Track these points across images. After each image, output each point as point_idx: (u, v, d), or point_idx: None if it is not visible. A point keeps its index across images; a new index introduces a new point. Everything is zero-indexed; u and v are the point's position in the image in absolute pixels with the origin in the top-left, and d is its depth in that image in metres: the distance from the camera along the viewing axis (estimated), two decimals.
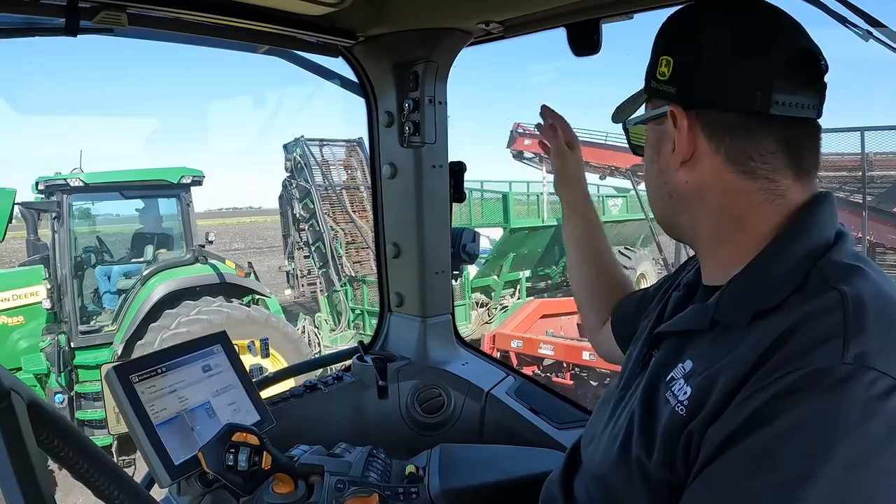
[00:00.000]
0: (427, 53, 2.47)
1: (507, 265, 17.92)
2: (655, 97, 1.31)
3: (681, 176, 1.27)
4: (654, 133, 1.33)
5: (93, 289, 11.21)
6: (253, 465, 1.66)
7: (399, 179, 2.68)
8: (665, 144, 1.28)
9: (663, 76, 1.26)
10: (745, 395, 1.01)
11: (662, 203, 1.35)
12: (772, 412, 0.97)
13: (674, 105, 1.24)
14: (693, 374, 1.15)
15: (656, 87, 1.29)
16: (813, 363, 0.97)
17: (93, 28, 1.91)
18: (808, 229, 1.16)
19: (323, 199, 16.64)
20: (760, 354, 1.03)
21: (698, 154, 1.23)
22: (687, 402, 1.12)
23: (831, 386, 0.94)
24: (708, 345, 1.18)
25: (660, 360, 1.29)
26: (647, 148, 1.38)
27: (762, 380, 1.00)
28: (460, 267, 2.88)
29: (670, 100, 1.25)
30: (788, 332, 1.03)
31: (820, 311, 1.04)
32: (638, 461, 1.19)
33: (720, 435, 1.02)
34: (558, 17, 2.18)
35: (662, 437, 1.14)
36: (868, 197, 15.91)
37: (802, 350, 1.00)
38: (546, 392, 2.70)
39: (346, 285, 16.24)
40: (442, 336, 2.88)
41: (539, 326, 13.11)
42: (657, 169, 1.33)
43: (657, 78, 1.28)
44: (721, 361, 1.09)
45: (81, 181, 10.04)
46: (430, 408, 2.70)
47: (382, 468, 2.12)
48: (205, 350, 2.03)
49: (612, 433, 1.33)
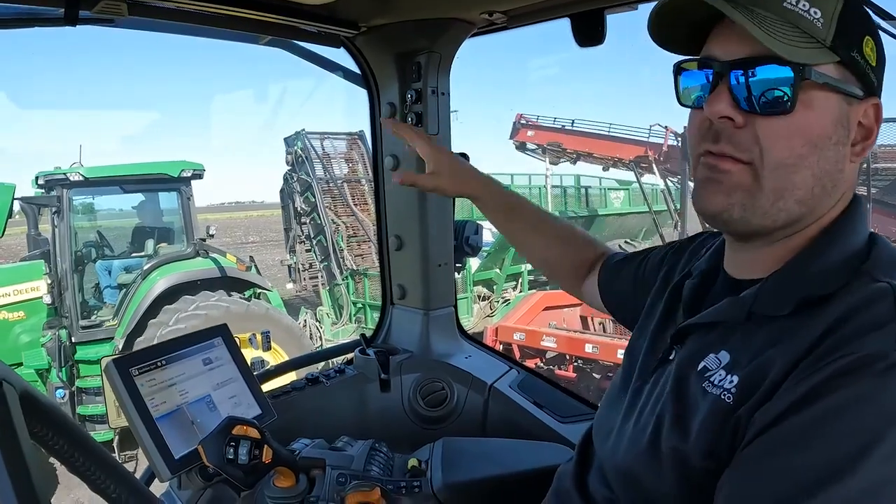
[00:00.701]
0: (430, 44, 2.45)
1: (509, 258, 17.92)
2: (851, 71, 1.13)
3: (851, 169, 1.17)
4: (840, 109, 1.12)
5: (93, 283, 11.23)
6: (254, 459, 1.64)
7: (402, 171, 2.64)
8: (852, 130, 1.14)
9: (870, 59, 1.13)
10: (795, 380, 1.01)
11: (819, 191, 1.14)
12: (820, 393, 0.96)
13: (877, 98, 1.15)
14: (737, 364, 1.13)
15: (862, 64, 1.12)
16: (864, 348, 0.97)
17: (92, 18, 1.90)
18: (852, 228, 1.16)
19: (324, 193, 16.66)
20: (813, 341, 1.02)
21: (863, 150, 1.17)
22: (735, 391, 1.09)
23: (883, 370, 0.94)
24: (746, 335, 1.15)
25: (687, 353, 1.25)
26: (823, 122, 1.11)
27: (813, 365, 1.00)
28: (463, 259, 2.86)
29: (872, 89, 1.14)
30: (841, 319, 1.02)
31: (870, 299, 1.03)
32: (674, 452, 1.16)
33: (767, 416, 1.01)
34: (562, 6, 2.16)
35: (704, 426, 1.12)
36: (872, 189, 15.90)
37: (854, 336, 0.99)
38: (549, 385, 2.69)
39: (348, 279, 16.25)
40: (445, 329, 2.86)
41: (542, 318, 13.09)
42: (840, 154, 1.14)
43: (864, 55, 1.12)
44: (770, 350, 1.08)
45: (81, 175, 10.06)
46: (432, 401, 2.68)
47: (384, 462, 2.10)
48: (205, 343, 2.01)
49: (638, 426, 1.30)
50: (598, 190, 22.69)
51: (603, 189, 22.71)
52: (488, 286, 17.84)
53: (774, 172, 1.11)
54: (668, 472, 1.16)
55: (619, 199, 22.75)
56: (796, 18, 1.10)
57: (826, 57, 1.09)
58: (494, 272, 17.84)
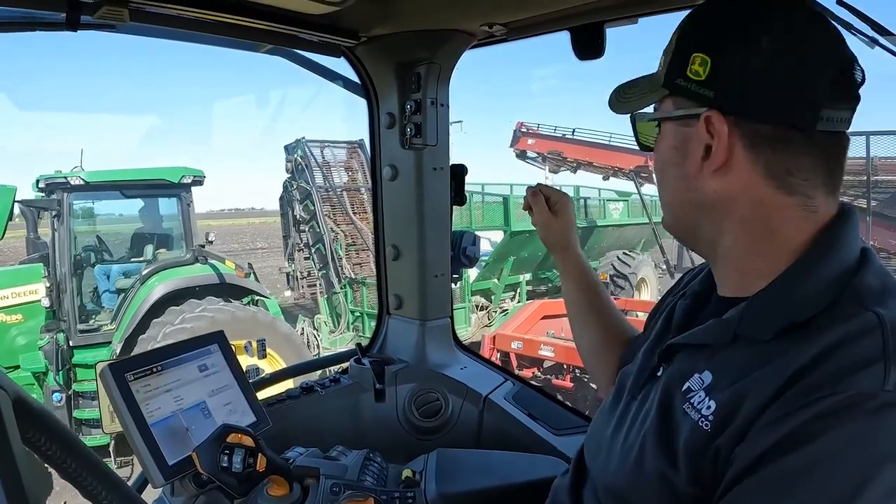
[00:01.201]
0: (430, 55, 2.46)
1: (507, 268, 17.92)
2: (683, 96, 1.22)
3: (710, 184, 1.21)
4: (678, 134, 1.25)
5: (92, 288, 11.22)
6: (247, 467, 1.64)
7: (400, 181, 2.67)
8: (694, 149, 1.21)
9: (698, 76, 1.18)
10: (778, 414, 1.00)
11: (684, 210, 1.29)
12: (811, 433, 0.95)
13: (712, 110, 1.17)
14: (716, 388, 1.13)
15: (686, 86, 1.20)
16: (854, 388, 0.96)
17: (94, 24, 1.90)
18: (839, 246, 1.14)
19: (323, 201, 16.66)
20: (794, 373, 1.01)
21: (733, 163, 1.17)
22: (712, 417, 1.09)
23: (871, 412, 0.94)
24: (729, 358, 1.15)
25: (674, 372, 1.26)
26: (665, 149, 1.29)
27: (798, 400, 0.99)
28: (460, 270, 2.86)
29: (705, 103, 1.18)
30: (826, 352, 1.01)
31: (858, 333, 1.02)
32: (662, 476, 1.16)
33: (752, 453, 1.00)
34: (562, 19, 2.18)
35: (687, 452, 1.12)
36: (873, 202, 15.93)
37: (843, 373, 0.98)
38: (545, 398, 2.69)
39: (346, 287, 16.24)
40: (441, 339, 2.86)
41: (540, 327, 13.07)
42: (682, 174, 1.25)
43: (688, 76, 1.19)
44: (748, 377, 1.08)
45: (82, 180, 10.06)
46: (427, 412, 2.68)
47: (378, 472, 2.10)
48: (201, 349, 2.01)
49: (625, 445, 1.31)
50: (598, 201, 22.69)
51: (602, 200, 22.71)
52: (486, 296, 17.82)
53: (658, 194, 1.37)
54: (656, 496, 1.17)
55: (617, 210, 22.73)
56: (653, 75, 1.32)
57: (657, 96, 1.29)
58: (493, 282, 17.83)
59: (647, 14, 2.04)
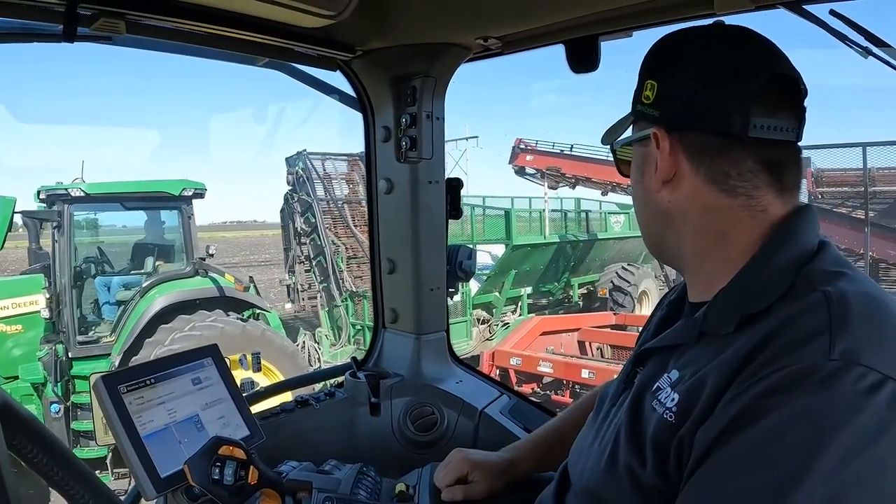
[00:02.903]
0: (425, 68, 2.47)
1: (508, 282, 17.95)
2: (641, 119, 1.37)
3: (664, 195, 1.31)
4: (640, 154, 1.39)
5: (92, 299, 11.23)
6: (239, 480, 1.64)
7: (395, 195, 2.67)
8: (649, 165, 1.34)
9: (648, 99, 1.31)
10: (731, 395, 1.04)
11: (648, 223, 1.40)
12: (760, 409, 0.99)
13: (657, 127, 1.29)
14: (679, 382, 1.18)
15: (641, 109, 1.33)
16: (800, 361, 1.00)
17: (91, 35, 1.90)
18: (791, 239, 1.20)
19: (324, 213, 16.72)
20: (745, 355, 1.06)
21: (680, 174, 1.28)
22: (675, 409, 1.14)
23: (820, 382, 0.97)
24: (693, 354, 1.22)
25: (646, 375, 1.32)
26: (633, 169, 1.43)
27: (748, 379, 1.03)
28: (456, 284, 2.86)
29: (654, 122, 1.31)
30: (773, 332, 1.06)
31: (804, 310, 1.07)
32: (628, 468, 1.21)
33: (709, 435, 1.04)
34: (557, 33, 2.20)
35: (653, 444, 1.16)
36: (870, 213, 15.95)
37: (788, 348, 1.02)
38: (541, 411, 2.68)
39: (347, 300, 16.26)
40: (436, 353, 2.85)
41: (539, 343, 13.11)
42: (642, 189, 1.38)
43: (642, 101, 1.33)
44: (707, 366, 1.13)
45: (83, 191, 10.09)
46: (422, 426, 2.67)
47: (372, 486, 2.09)
48: (195, 363, 2.00)
49: (600, 447, 1.36)
50: (598, 214, 22.75)
51: (603, 213, 22.76)
52: (488, 309, 17.84)
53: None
54: (628, 490, 1.21)
55: (619, 223, 22.81)
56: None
57: (628, 123, 1.44)
58: (494, 295, 17.86)
59: (641, 27, 2.06)
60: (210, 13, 1.95)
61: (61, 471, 1.26)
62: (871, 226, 15.77)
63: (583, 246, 20.84)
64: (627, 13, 2.00)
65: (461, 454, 2.00)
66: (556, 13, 2.07)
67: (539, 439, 2.03)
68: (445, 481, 1.95)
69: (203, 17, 1.96)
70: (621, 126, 1.47)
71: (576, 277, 21.00)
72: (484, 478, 1.93)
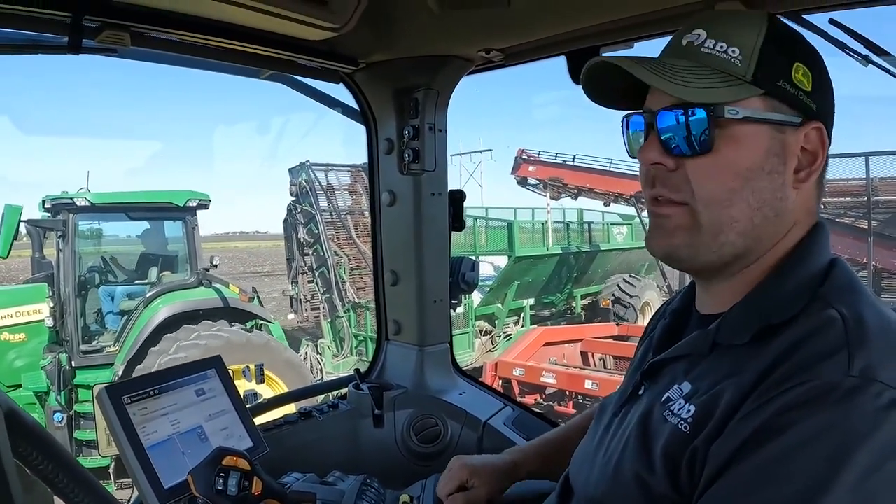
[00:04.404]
0: (428, 81, 2.48)
1: (511, 293, 17.92)
2: (781, 100, 1.17)
3: (791, 194, 1.19)
4: (772, 139, 1.16)
5: (96, 309, 11.22)
6: (243, 490, 1.63)
7: (398, 206, 2.68)
8: (789, 157, 1.18)
9: (803, 85, 1.17)
10: (749, 409, 1.03)
11: (759, 220, 1.18)
12: (781, 425, 0.98)
13: (817, 122, 1.18)
14: (695, 394, 1.16)
15: (792, 92, 1.16)
16: (820, 377, 1.00)
17: (96, 48, 1.92)
18: (809, 255, 1.19)
19: (327, 224, 16.70)
20: (763, 369, 1.05)
21: (813, 177, 1.21)
22: (691, 420, 1.12)
23: (840, 398, 0.97)
24: (707, 366, 1.19)
25: (655, 389, 1.29)
26: (753, 154, 1.16)
27: (767, 393, 1.02)
28: (459, 296, 2.86)
29: (809, 115, 1.18)
30: (792, 347, 1.05)
31: (821, 327, 1.06)
32: (638, 478, 1.19)
33: (727, 449, 1.03)
34: (558, 44, 2.22)
35: (664, 455, 1.14)
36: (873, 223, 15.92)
37: (807, 364, 1.02)
38: (544, 423, 2.67)
39: (350, 311, 16.24)
40: (439, 365, 2.86)
41: (542, 354, 13.08)
42: (780, 182, 1.18)
43: (793, 83, 1.16)
44: (725, 380, 1.11)
45: (88, 201, 10.09)
46: (426, 437, 2.67)
47: (376, 497, 2.09)
48: (199, 374, 2.00)
49: (605, 456, 1.34)
50: (601, 225, 22.74)
51: (606, 224, 22.74)
52: (490, 321, 17.81)
53: (708, 209, 1.17)
54: (635, 501, 1.19)
55: (622, 234, 22.80)
56: (715, 61, 1.18)
57: (747, 91, 1.16)
58: (496, 307, 17.82)
59: (642, 39, 2.08)
60: (214, 26, 1.97)
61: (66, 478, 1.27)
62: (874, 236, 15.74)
63: (585, 257, 20.82)
64: (628, 24, 2.01)
65: (460, 461, 1.97)
66: (558, 25, 2.09)
67: (544, 443, 2.01)
68: (445, 490, 1.93)
69: (207, 29, 1.97)
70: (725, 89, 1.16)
71: (578, 288, 20.96)
72: (484, 483, 1.90)
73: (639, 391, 1.35)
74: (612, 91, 1.31)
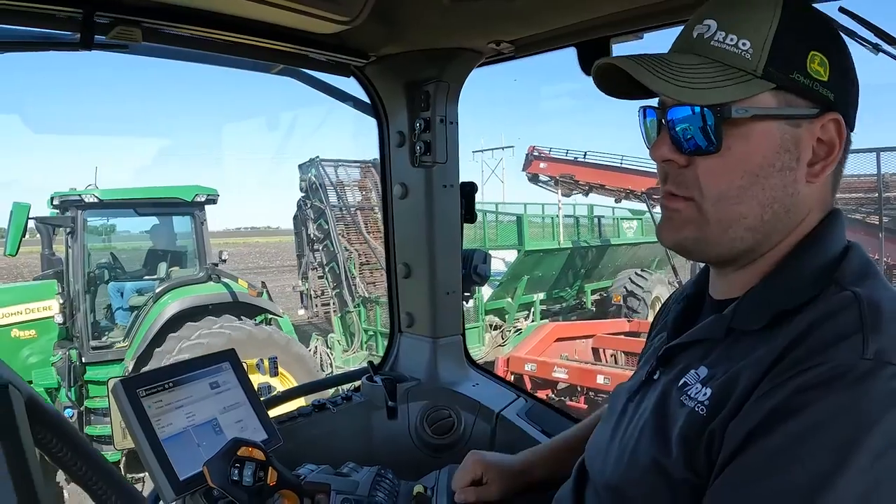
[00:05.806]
0: (438, 73, 2.49)
1: (521, 287, 17.91)
2: (795, 93, 1.14)
3: (803, 188, 1.17)
4: (788, 134, 1.14)
5: (105, 304, 11.21)
6: (258, 481, 1.64)
7: (410, 199, 2.69)
8: (803, 150, 1.15)
9: (819, 75, 1.12)
10: (764, 390, 1.04)
11: (769, 216, 1.17)
12: (794, 407, 0.99)
13: (834, 114, 1.14)
14: (712, 378, 1.16)
15: (807, 83, 1.12)
16: (835, 359, 1.00)
17: (107, 44, 1.92)
18: (825, 241, 1.19)
19: (337, 220, 16.73)
20: (779, 352, 1.06)
21: (828, 170, 1.18)
22: (708, 402, 1.13)
23: (853, 381, 0.97)
24: (723, 351, 1.19)
25: (671, 374, 1.29)
26: (766, 150, 1.14)
27: (781, 375, 1.03)
28: (471, 288, 2.86)
29: (826, 106, 1.14)
30: (807, 329, 1.06)
31: (836, 309, 1.07)
32: (655, 463, 1.19)
33: (741, 430, 1.04)
34: (569, 35, 2.21)
35: (682, 438, 1.15)
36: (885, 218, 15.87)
37: (822, 346, 1.02)
38: (558, 414, 2.68)
39: (360, 306, 16.26)
40: (452, 357, 2.86)
41: (554, 350, 13.06)
42: (792, 178, 1.16)
43: (808, 73, 1.12)
44: (741, 362, 1.11)
45: (96, 197, 10.10)
46: (439, 429, 2.68)
47: (390, 488, 2.09)
48: (213, 367, 2.01)
49: (622, 442, 1.34)
50: (612, 220, 22.70)
51: (616, 219, 22.70)
52: (500, 315, 17.80)
53: (716, 206, 1.17)
54: (655, 484, 1.19)
55: (631, 228, 22.77)
56: (724, 56, 1.15)
57: (757, 87, 1.13)
58: (506, 301, 17.82)
59: (652, 28, 2.07)
60: (225, 20, 1.97)
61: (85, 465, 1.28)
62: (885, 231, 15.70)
63: (595, 251, 20.81)
64: (638, 14, 2.00)
65: (476, 456, 1.99)
66: (568, 16, 2.09)
67: (557, 446, 2.01)
68: (460, 483, 1.95)
69: (218, 24, 1.98)
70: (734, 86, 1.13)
71: (588, 283, 20.94)
72: (498, 479, 1.92)
73: (654, 376, 1.35)
74: (625, 82, 1.25)
